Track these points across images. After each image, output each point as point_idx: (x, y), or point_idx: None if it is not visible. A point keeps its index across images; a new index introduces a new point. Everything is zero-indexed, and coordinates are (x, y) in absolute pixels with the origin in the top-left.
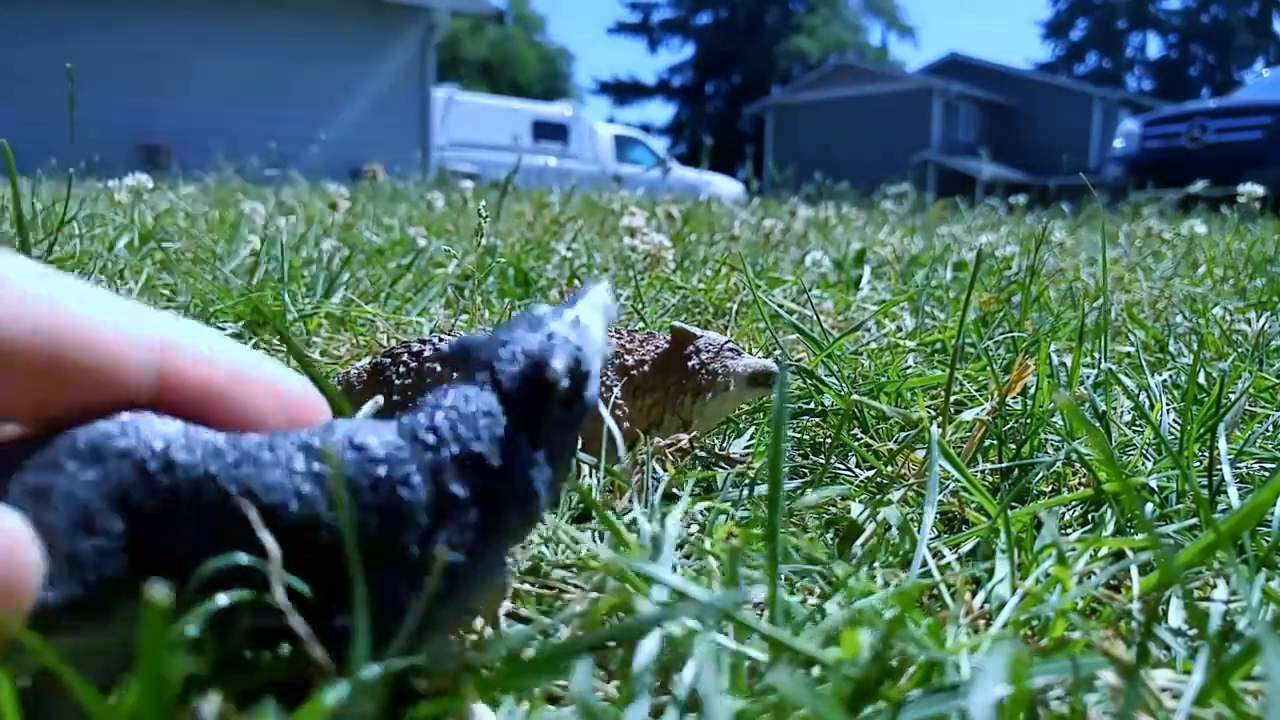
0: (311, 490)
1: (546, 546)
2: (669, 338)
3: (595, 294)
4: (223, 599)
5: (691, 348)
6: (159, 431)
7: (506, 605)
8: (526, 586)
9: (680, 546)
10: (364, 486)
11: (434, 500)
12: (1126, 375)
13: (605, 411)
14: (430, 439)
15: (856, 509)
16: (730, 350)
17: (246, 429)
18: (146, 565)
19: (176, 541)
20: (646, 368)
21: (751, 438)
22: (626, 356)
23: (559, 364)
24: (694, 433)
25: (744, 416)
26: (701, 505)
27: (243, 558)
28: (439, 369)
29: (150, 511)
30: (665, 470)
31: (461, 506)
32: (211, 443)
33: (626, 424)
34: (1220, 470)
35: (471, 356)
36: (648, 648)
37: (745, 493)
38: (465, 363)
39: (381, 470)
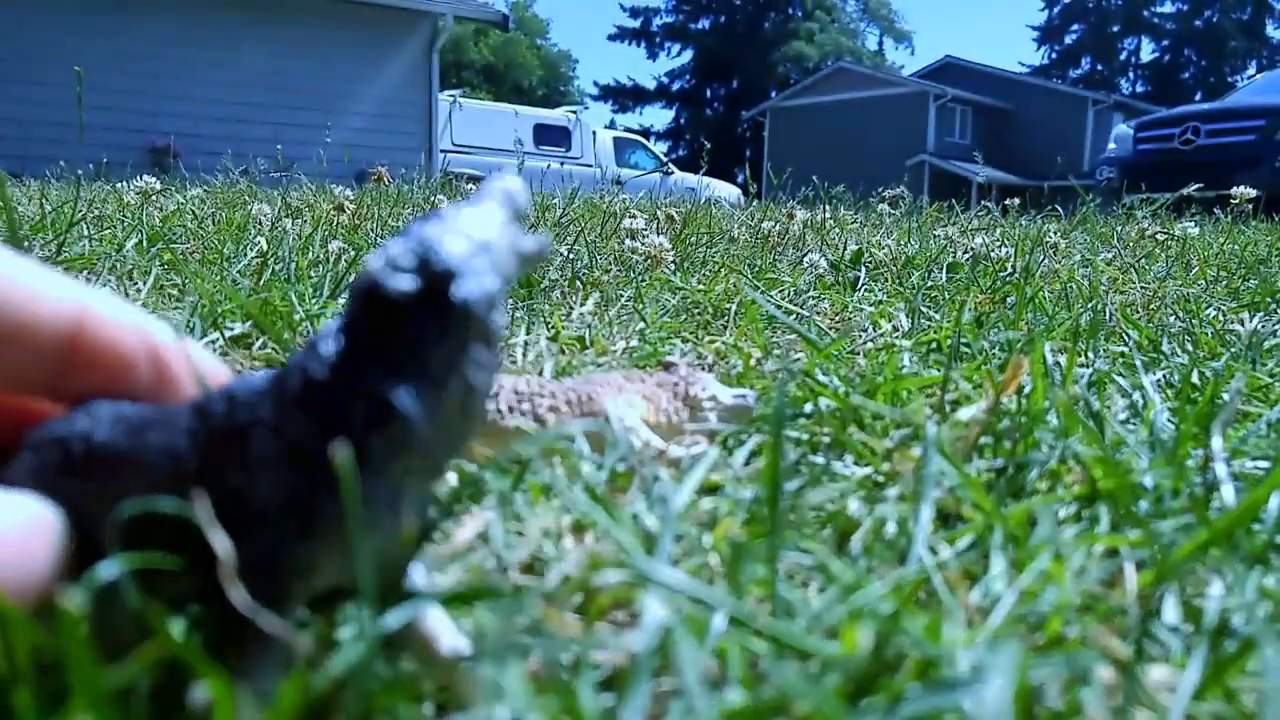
0: (185, 444)
1: (547, 541)
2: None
3: (492, 188)
4: (109, 569)
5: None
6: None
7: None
8: (526, 580)
9: (679, 540)
10: (225, 438)
11: (283, 442)
12: (1121, 375)
13: (614, 417)
14: (284, 375)
15: (854, 506)
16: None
17: (158, 397)
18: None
19: (99, 511)
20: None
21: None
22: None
23: (376, 263)
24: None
25: (747, 425)
26: (705, 504)
27: (169, 504)
28: None
29: (73, 492)
30: (667, 470)
31: (305, 437)
32: (127, 417)
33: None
34: (1215, 468)
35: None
36: (646, 641)
37: (747, 492)
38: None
39: (242, 416)
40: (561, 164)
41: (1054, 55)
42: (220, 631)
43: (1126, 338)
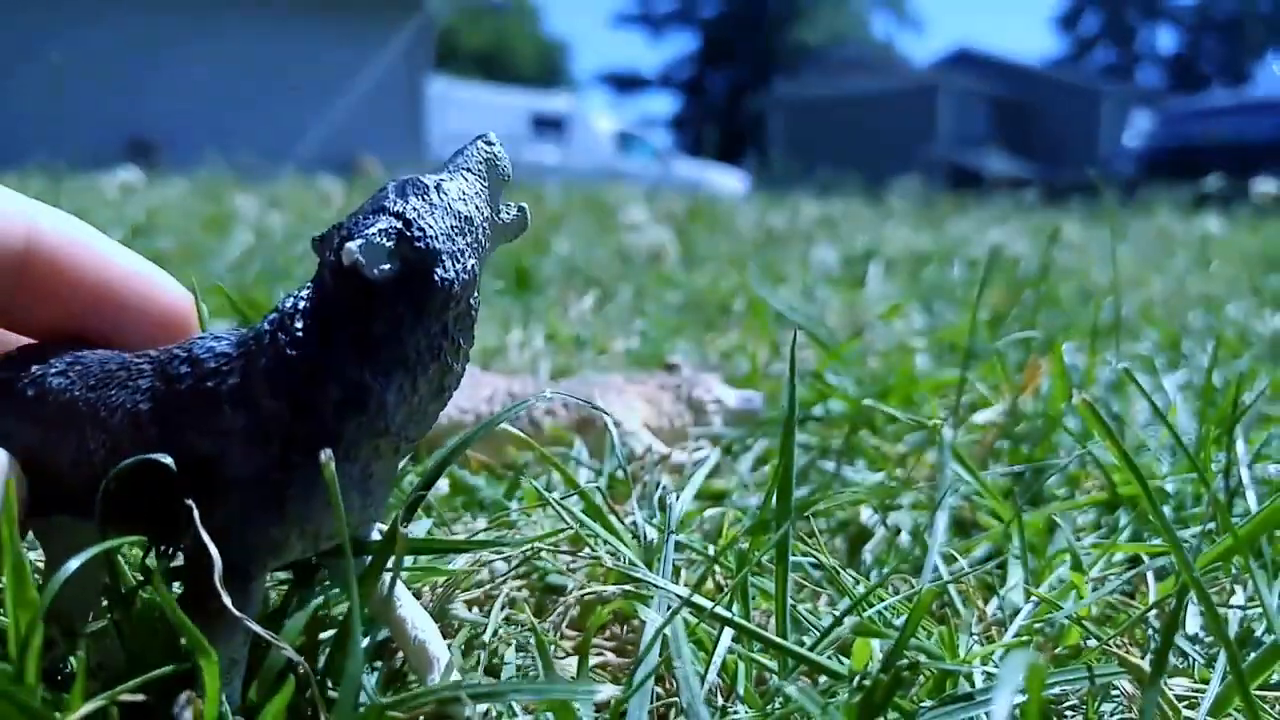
0: (148, 408)
1: (545, 553)
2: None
3: (474, 152)
4: (73, 564)
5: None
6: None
7: (504, 606)
8: (525, 593)
9: (681, 550)
10: (193, 405)
11: (253, 418)
12: (1143, 372)
13: (609, 420)
14: (253, 346)
15: (867, 514)
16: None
17: (113, 319)
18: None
19: (57, 456)
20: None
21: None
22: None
23: (354, 245)
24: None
25: (753, 429)
26: (710, 511)
27: (165, 460)
28: None
29: (26, 437)
30: (669, 476)
31: (277, 419)
32: (85, 364)
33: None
34: (1238, 473)
35: (324, 244)
36: (649, 656)
37: (754, 500)
38: (321, 252)
39: (209, 384)
40: (560, 154)
41: (1071, 44)
42: (186, 604)
43: (1146, 337)
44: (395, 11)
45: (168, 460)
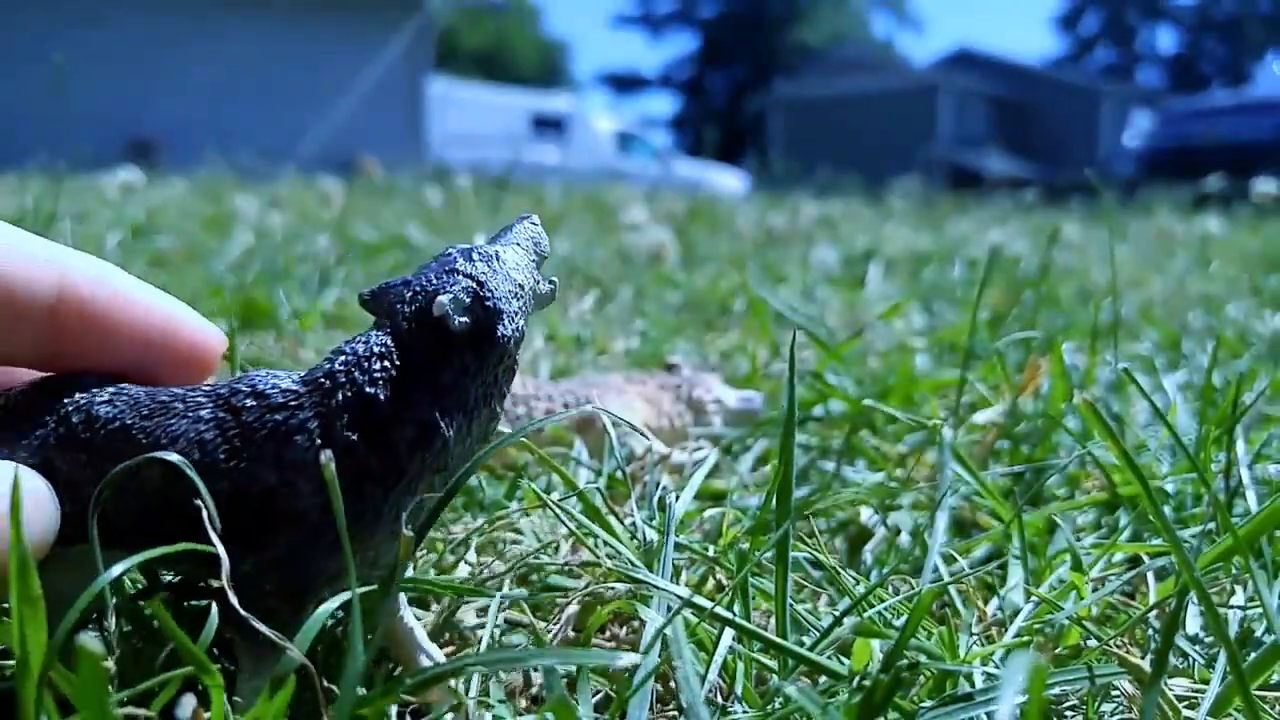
0: (213, 437)
1: (544, 553)
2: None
3: (521, 230)
4: (116, 570)
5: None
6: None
7: (505, 609)
8: (523, 591)
9: (681, 550)
10: (261, 437)
11: (324, 446)
12: (1142, 374)
13: (607, 420)
14: (326, 384)
15: (867, 514)
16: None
17: (146, 360)
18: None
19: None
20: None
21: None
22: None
23: (444, 299)
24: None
25: (753, 429)
26: (709, 511)
27: (175, 456)
28: None
29: (73, 463)
30: (669, 476)
31: (353, 452)
32: (131, 395)
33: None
34: (1238, 473)
35: (382, 299)
36: (648, 660)
37: (753, 500)
38: (379, 306)
39: (279, 417)
40: (560, 154)
41: (1071, 44)
42: (227, 626)
43: (1146, 337)
44: (395, 11)
45: (174, 458)
